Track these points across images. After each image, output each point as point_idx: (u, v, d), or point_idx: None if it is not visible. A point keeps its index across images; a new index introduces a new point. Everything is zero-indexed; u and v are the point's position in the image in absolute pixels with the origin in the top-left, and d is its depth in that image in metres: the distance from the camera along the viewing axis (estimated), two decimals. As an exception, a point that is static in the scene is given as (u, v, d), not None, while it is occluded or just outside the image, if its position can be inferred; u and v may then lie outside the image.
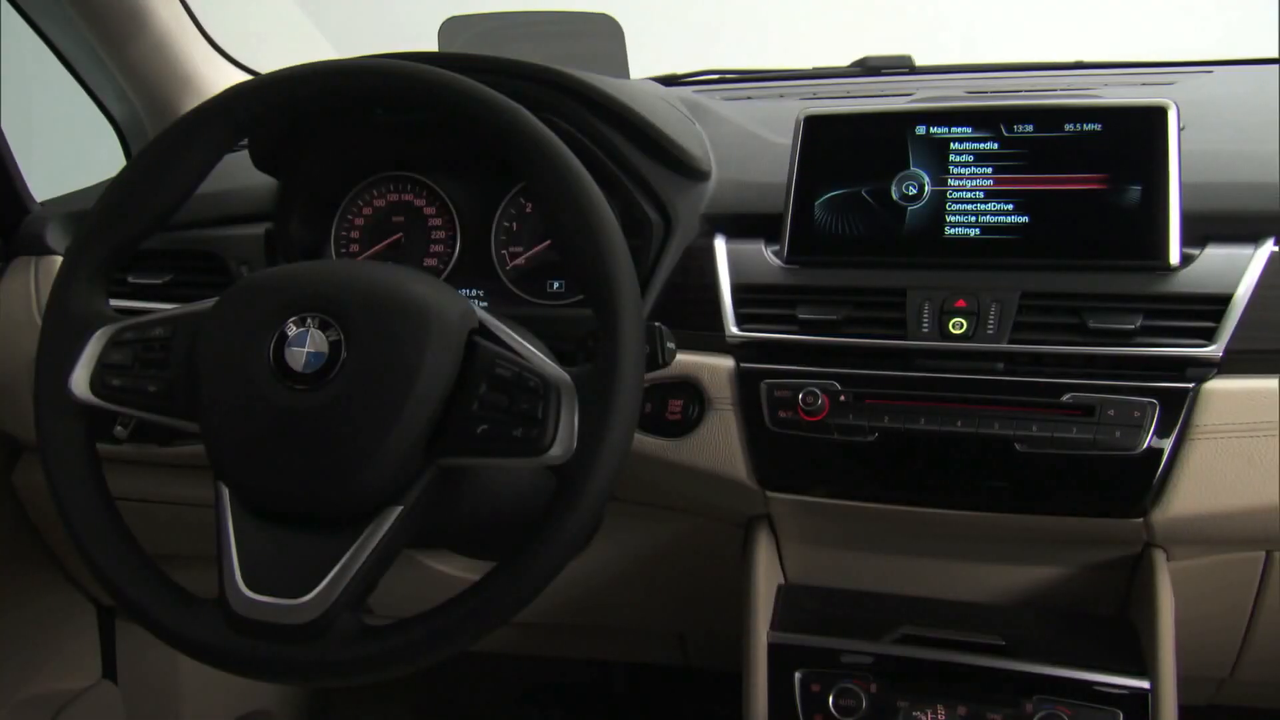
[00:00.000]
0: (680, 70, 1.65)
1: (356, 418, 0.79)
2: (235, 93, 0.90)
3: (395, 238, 1.20)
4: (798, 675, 1.02)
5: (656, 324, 0.92)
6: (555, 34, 1.43)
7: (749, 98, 1.47)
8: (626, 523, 1.19)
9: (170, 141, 0.90)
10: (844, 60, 1.63)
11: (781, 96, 1.47)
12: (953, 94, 1.39)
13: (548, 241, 1.16)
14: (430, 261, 1.19)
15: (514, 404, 0.79)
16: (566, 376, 0.80)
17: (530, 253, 1.17)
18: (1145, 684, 0.95)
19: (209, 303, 0.86)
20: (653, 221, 1.11)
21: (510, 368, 0.81)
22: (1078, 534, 1.00)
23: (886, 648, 1.02)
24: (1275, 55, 1.44)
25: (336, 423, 0.79)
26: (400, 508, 0.81)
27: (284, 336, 0.81)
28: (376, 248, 1.20)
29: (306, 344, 0.80)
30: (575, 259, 0.83)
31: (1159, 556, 0.98)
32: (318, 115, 1.12)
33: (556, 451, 0.79)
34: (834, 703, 0.99)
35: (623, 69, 1.42)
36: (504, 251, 1.18)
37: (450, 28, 1.41)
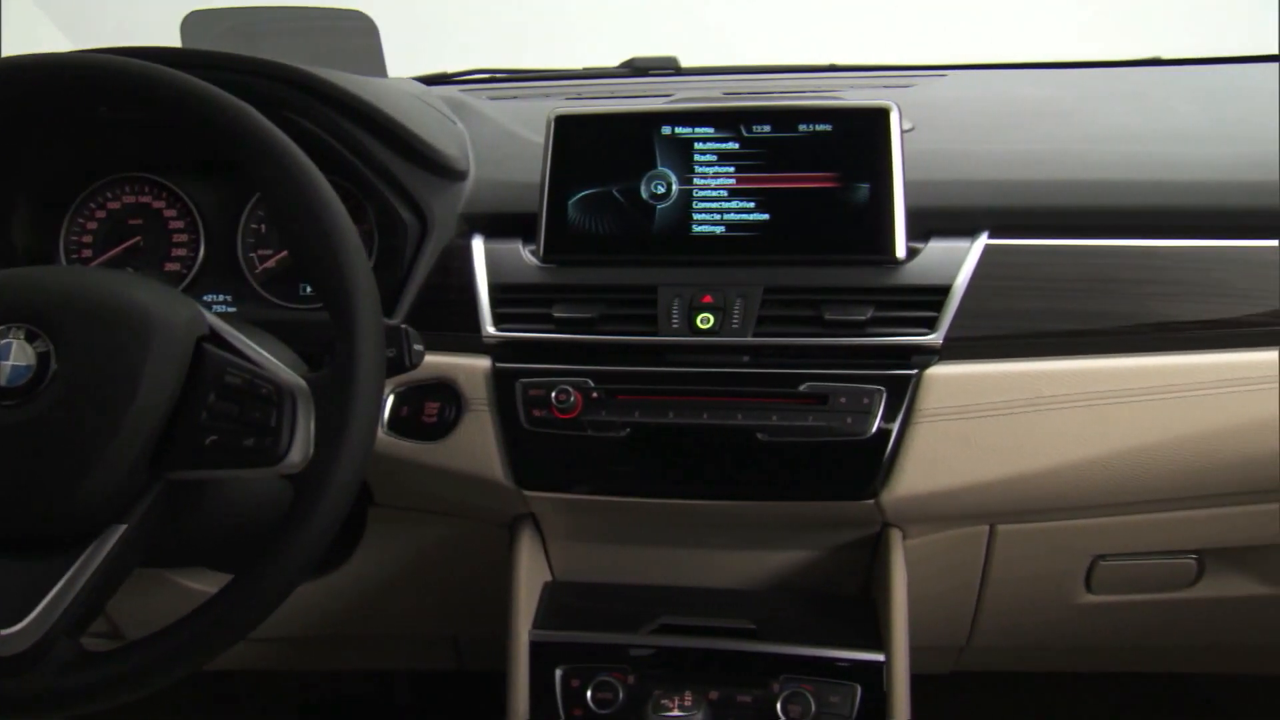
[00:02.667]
0: (450, 69, 1.64)
1: (69, 433, 0.75)
2: None
3: (132, 241, 1.14)
4: (559, 671, 1.03)
5: (403, 325, 0.90)
6: (308, 30, 1.38)
7: (514, 97, 1.47)
8: (390, 528, 1.17)
9: None
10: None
11: (546, 96, 1.48)
12: (712, 95, 1.43)
13: None
14: (172, 266, 1.14)
15: (245, 412, 0.77)
16: (302, 382, 0.78)
17: (279, 255, 1.13)
18: (880, 657, 1.00)
19: None
20: (407, 222, 1.09)
21: (241, 375, 0.78)
22: (819, 518, 1.04)
23: (644, 638, 1.04)
24: (1004, 61, 1.55)
25: (46, 439, 0.75)
26: (124, 526, 0.77)
27: None
28: (111, 253, 1.14)
29: (10, 356, 0.75)
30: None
31: (894, 535, 1.04)
32: (32, 113, 1.05)
33: (293, 459, 0.76)
34: (592, 696, 1.01)
35: (379, 67, 1.39)
36: (252, 255, 1.14)
37: (194, 23, 1.35)
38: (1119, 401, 0.95)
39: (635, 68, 1.63)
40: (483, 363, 1.04)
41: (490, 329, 1.04)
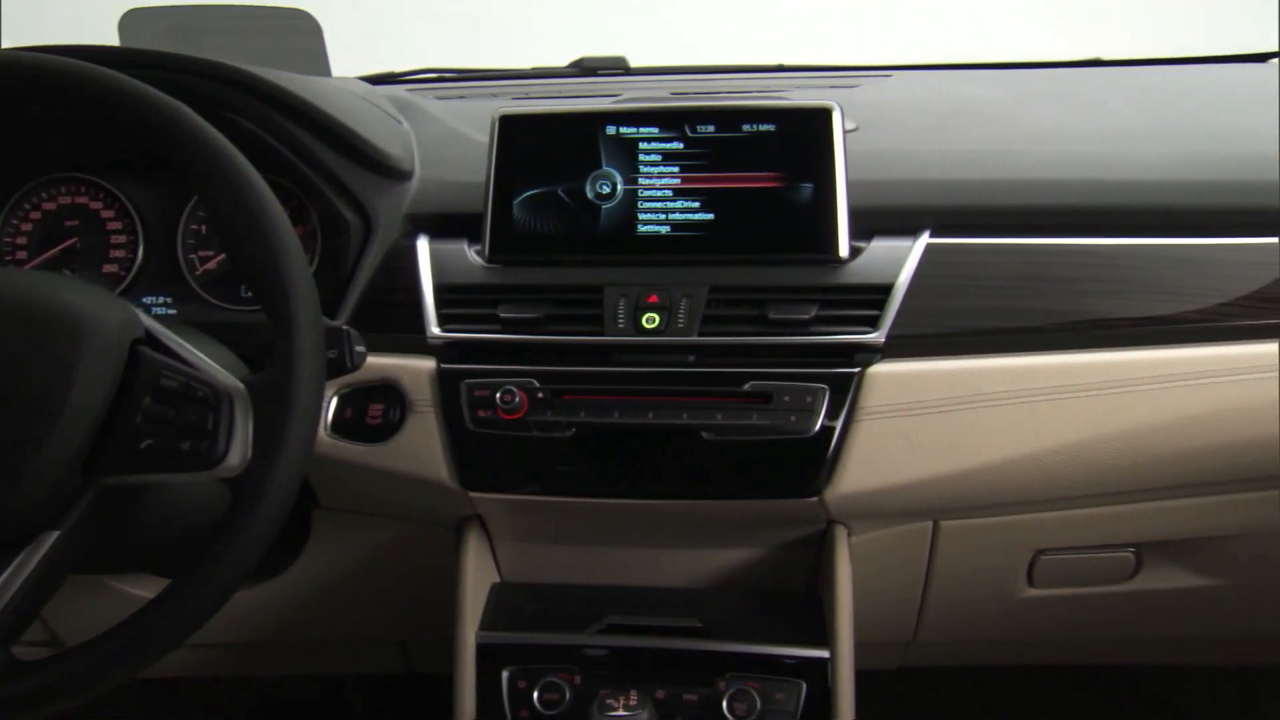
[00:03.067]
0: (398, 69, 1.63)
1: None
2: None
3: (69, 243, 1.12)
4: (505, 673, 1.02)
5: (344, 327, 0.90)
6: (249, 29, 1.37)
7: (461, 97, 1.47)
8: (336, 532, 1.16)
9: None
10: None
11: (494, 96, 1.48)
12: (659, 95, 1.43)
13: None
14: (110, 268, 1.12)
15: (181, 416, 0.76)
16: (239, 385, 0.77)
17: (220, 256, 1.12)
18: (825, 654, 1.01)
19: None
20: (350, 223, 1.08)
21: (177, 377, 0.77)
22: (765, 515, 1.05)
23: (591, 639, 1.04)
24: (948, 61, 1.57)
25: None
26: (57, 532, 0.76)
27: None
28: (46, 254, 1.12)
29: None
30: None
31: (839, 532, 1.04)
32: None
33: (231, 462, 0.76)
34: (539, 697, 1.00)
35: (322, 66, 1.38)
36: (192, 256, 1.12)
37: (133, 21, 1.32)
38: (1057, 398, 0.97)
39: (584, 67, 1.63)
40: (427, 364, 1.03)
41: (435, 330, 1.04)
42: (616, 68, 1.62)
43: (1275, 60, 1.44)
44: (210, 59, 1.03)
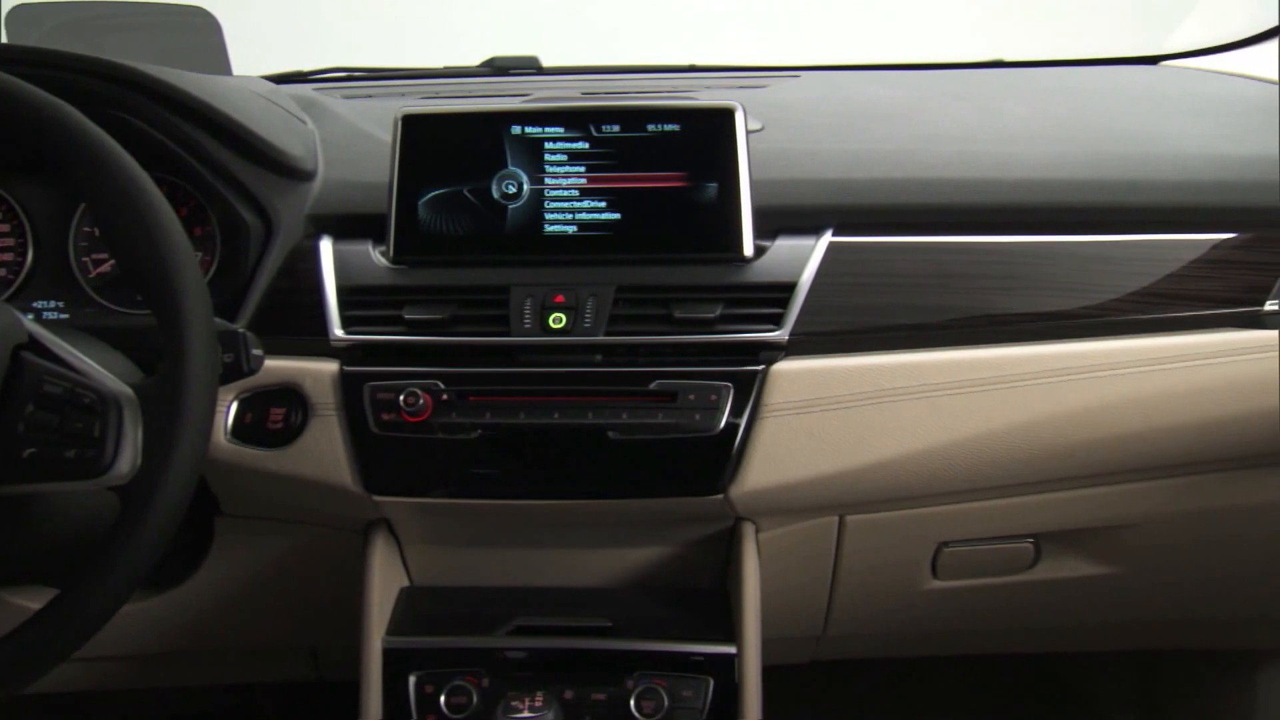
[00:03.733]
0: (308, 67, 1.60)
1: None
2: None
3: None
4: (412, 678, 1.01)
5: (240, 330, 0.88)
6: (145, 26, 1.33)
7: (369, 96, 1.45)
8: (240, 538, 1.14)
9: None
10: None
11: (402, 95, 1.46)
12: (570, 94, 1.43)
13: None
14: None
15: (66, 423, 0.74)
16: (128, 390, 0.76)
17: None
18: (732, 649, 1.01)
19: None
20: (250, 224, 1.06)
21: (61, 384, 0.75)
22: (673, 514, 1.05)
23: (499, 641, 1.03)
24: (855, 62, 1.59)
25: None
26: None
27: None
28: None
29: None
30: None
31: (747, 529, 1.05)
32: None
33: (120, 470, 0.74)
34: (446, 701, 1.00)
35: (222, 64, 1.35)
36: (85, 259, 1.09)
37: (21, 17, 1.28)
38: (954, 393, 0.98)
39: (495, 67, 1.62)
40: (330, 366, 1.02)
41: (338, 331, 1.02)
42: (528, 67, 1.61)
43: (1165, 63, 1.49)
44: (100, 57, 1.00)
